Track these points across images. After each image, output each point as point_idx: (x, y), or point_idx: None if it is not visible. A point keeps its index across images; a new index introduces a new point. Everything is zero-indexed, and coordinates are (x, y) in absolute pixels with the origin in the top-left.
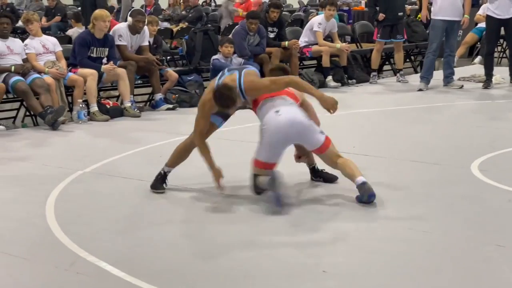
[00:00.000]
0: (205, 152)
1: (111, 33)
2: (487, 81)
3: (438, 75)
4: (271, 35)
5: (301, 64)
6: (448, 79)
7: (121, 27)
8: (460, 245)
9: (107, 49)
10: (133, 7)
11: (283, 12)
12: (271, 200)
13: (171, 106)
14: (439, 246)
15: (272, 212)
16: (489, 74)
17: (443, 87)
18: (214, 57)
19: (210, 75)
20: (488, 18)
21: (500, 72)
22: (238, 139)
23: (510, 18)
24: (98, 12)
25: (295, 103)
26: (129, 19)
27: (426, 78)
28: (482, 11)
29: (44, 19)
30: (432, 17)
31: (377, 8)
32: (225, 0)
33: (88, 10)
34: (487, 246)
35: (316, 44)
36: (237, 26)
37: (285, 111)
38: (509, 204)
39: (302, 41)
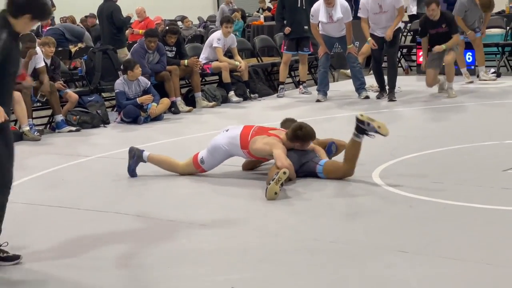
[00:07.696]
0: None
1: None
2: (381, 92)
3: (338, 86)
4: (170, 55)
5: (203, 80)
6: (358, 90)
7: None
8: (363, 253)
9: None
10: None
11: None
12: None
13: (73, 128)
14: (343, 255)
15: None
16: (381, 86)
17: (342, 99)
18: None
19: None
20: (371, 36)
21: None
22: None
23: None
24: None
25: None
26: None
27: (323, 90)
28: None
29: None
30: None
31: (285, 21)
32: None
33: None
34: (390, 253)
35: (217, 60)
36: (135, 45)
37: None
38: (410, 210)
39: (203, 57)
